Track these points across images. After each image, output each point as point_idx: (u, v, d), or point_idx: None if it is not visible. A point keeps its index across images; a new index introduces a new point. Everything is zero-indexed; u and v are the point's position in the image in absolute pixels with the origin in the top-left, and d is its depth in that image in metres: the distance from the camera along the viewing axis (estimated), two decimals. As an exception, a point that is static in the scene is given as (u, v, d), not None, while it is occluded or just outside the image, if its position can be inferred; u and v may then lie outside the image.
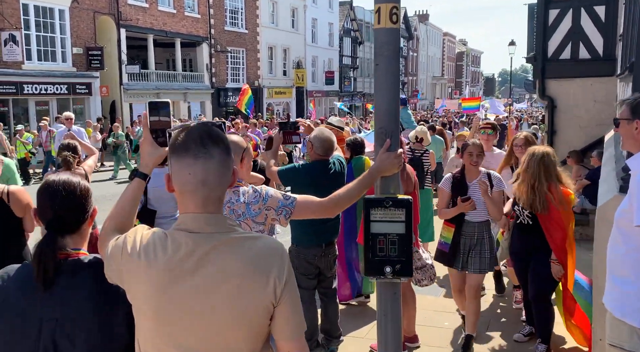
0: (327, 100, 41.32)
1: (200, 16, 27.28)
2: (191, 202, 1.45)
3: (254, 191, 2.58)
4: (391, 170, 2.41)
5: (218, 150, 1.44)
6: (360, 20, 45.49)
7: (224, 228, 1.45)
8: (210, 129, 1.48)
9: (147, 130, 1.71)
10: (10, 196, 3.69)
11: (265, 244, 1.48)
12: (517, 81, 78.51)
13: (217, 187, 1.45)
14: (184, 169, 1.42)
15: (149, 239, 1.45)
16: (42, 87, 19.30)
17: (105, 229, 1.67)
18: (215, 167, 1.42)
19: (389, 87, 2.45)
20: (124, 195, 1.75)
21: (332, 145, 4.05)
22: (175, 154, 1.45)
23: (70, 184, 1.68)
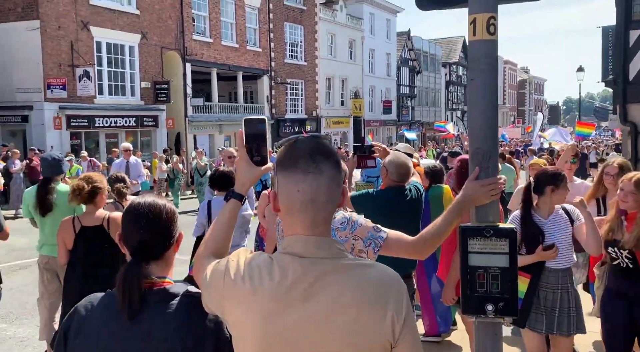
0: (385, 130, 41.12)
1: (261, 50, 27.99)
2: (299, 222, 1.30)
3: (342, 216, 2.41)
4: (482, 200, 2.15)
5: (328, 165, 1.30)
6: (417, 50, 45.39)
7: (335, 253, 1.30)
8: (320, 142, 1.34)
9: (242, 149, 1.59)
10: (111, 222, 3.75)
11: (382, 272, 1.30)
12: (584, 109, 75.51)
13: (326, 206, 1.30)
14: (292, 185, 1.29)
15: (253, 263, 1.31)
16: (112, 120, 20.19)
17: (201, 254, 1.55)
18: (325, 183, 1.29)
19: (487, 103, 2.22)
20: (219, 218, 1.61)
21: (408, 171, 3.83)
22: (282, 170, 1.32)
23: (156, 207, 1.57)
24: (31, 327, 5.77)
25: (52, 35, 18.15)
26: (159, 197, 1.63)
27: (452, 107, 53.23)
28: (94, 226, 3.77)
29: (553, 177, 3.65)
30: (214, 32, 24.98)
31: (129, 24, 20.79)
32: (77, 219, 3.82)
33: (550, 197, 3.63)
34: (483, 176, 2.21)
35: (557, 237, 3.54)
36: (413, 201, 3.82)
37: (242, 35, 26.69)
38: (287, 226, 1.34)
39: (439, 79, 50.39)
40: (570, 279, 3.58)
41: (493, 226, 2.15)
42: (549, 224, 3.60)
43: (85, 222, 3.80)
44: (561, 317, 3.50)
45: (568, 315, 3.50)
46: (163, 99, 21.89)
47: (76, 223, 3.79)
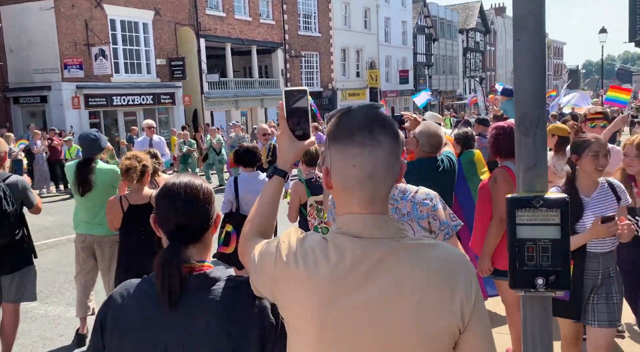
0: (402, 100, 40.59)
1: (274, 22, 27.60)
2: (355, 200, 1.20)
3: (425, 193, 2.40)
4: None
5: (387, 136, 1.18)
6: (434, 17, 44.40)
7: (395, 232, 1.19)
8: (376, 111, 1.22)
9: (284, 122, 1.47)
10: None
11: (447, 252, 1.20)
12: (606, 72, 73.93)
13: (385, 182, 1.19)
14: (347, 160, 1.17)
15: (306, 244, 1.22)
16: (129, 98, 20.21)
17: (245, 233, 1.46)
18: (384, 156, 1.17)
19: (534, 65, 2.07)
20: (263, 195, 1.52)
21: (440, 141, 3.70)
22: (336, 143, 1.20)
23: (192, 188, 1.47)
24: (61, 305, 5.84)
25: (66, 15, 18.07)
26: (194, 176, 1.54)
27: (470, 74, 52.28)
28: (142, 204, 3.76)
29: (575, 145, 3.19)
30: (226, 6, 24.65)
31: (142, 0, 20.59)
32: (124, 198, 3.81)
33: (583, 169, 3.13)
34: (531, 142, 2.08)
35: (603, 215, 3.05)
36: (446, 172, 3.70)
37: (255, 8, 26.31)
38: (341, 203, 1.24)
39: (456, 46, 49.38)
40: (613, 262, 3.13)
41: (542, 196, 2.03)
42: (593, 202, 3.09)
43: (133, 201, 3.80)
44: (599, 305, 3.07)
45: (607, 303, 3.07)
46: (179, 76, 21.81)
47: (124, 202, 3.79)
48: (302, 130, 1.50)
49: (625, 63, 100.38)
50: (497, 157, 3.76)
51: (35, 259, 4.19)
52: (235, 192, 4.67)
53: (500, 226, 3.50)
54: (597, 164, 3.05)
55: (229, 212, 4.76)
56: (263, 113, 26.96)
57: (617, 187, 3.18)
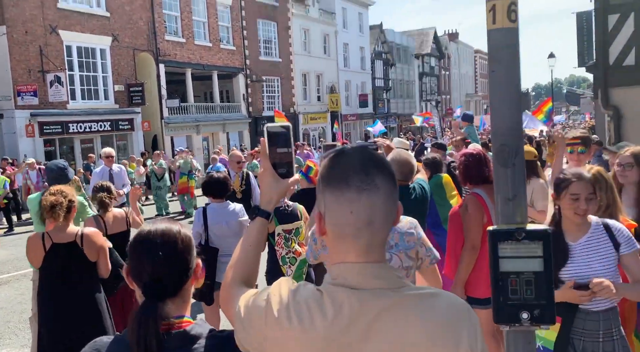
0: (362, 123, 41.06)
1: (235, 48, 27.61)
2: (352, 248, 1.13)
3: (409, 222, 2.38)
4: None
5: (384, 179, 1.12)
6: (391, 42, 45.43)
7: (395, 282, 1.13)
8: (372, 152, 1.16)
9: (266, 160, 1.40)
10: (85, 239, 3.48)
11: (450, 302, 1.14)
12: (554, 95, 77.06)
13: (383, 229, 1.13)
14: (344, 206, 1.11)
15: (299, 297, 1.13)
16: (86, 125, 19.67)
17: (228, 281, 1.36)
18: (382, 201, 1.11)
19: (511, 97, 2.08)
20: (245, 239, 1.43)
21: (412, 169, 3.70)
22: (330, 187, 1.13)
23: (170, 235, 1.36)
24: (15, 347, 5.50)
25: (20, 41, 17.56)
26: (171, 222, 1.43)
27: (426, 97, 53.50)
28: (66, 242, 3.50)
29: (555, 182, 2.78)
30: (186, 31, 24.52)
31: (99, 26, 20.26)
32: (47, 235, 3.53)
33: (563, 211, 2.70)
34: (510, 172, 2.07)
35: (594, 268, 2.57)
36: (418, 200, 3.69)
37: (215, 34, 26.28)
38: (335, 251, 1.16)
39: (412, 70, 50.56)
40: (616, 322, 2.61)
41: (524, 228, 2.01)
42: (580, 247, 2.63)
43: (57, 239, 3.52)
44: None
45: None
46: (138, 102, 21.42)
47: (46, 240, 3.51)
48: (286, 168, 1.43)
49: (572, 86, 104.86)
50: (467, 183, 3.78)
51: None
52: (205, 224, 4.52)
53: (472, 254, 3.49)
54: (577, 209, 2.59)
55: (197, 245, 4.60)
56: (225, 138, 26.73)
57: (616, 230, 2.63)
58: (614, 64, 8.54)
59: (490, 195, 3.52)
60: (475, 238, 3.46)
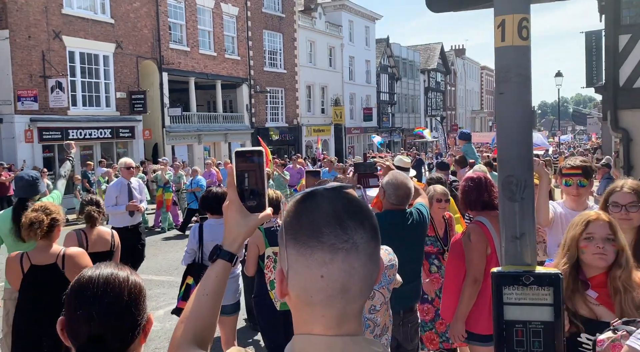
0: (366, 137, 40.91)
1: (240, 58, 27.55)
2: (320, 318, 0.89)
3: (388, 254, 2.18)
4: None
5: (364, 234, 0.89)
6: (397, 57, 45.40)
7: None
8: (350, 197, 0.92)
9: (233, 190, 1.17)
10: (67, 260, 3.19)
11: None
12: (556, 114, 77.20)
13: (361, 296, 0.90)
14: (313, 268, 0.88)
15: None
16: (86, 131, 19.53)
17: (177, 339, 1.12)
18: (361, 263, 0.88)
19: (520, 121, 1.85)
20: (202, 285, 1.19)
21: (408, 193, 3.45)
22: (297, 243, 0.89)
23: (114, 285, 1.13)
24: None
25: (22, 46, 17.48)
26: (119, 267, 1.19)
27: (432, 113, 53.36)
28: (46, 264, 3.23)
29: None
30: (191, 40, 24.47)
31: (103, 33, 20.20)
32: (25, 256, 3.25)
33: None
34: (517, 207, 1.83)
35: None
36: (415, 227, 3.44)
37: (220, 43, 26.22)
38: (299, 319, 0.93)
39: (417, 85, 50.48)
40: None
41: (533, 271, 1.77)
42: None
43: (36, 261, 3.24)
44: None
45: None
46: (139, 109, 21.29)
47: (24, 261, 3.23)
48: (256, 201, 1.20)
49: (578, 105, 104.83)
50: (468, 210, 3.54)
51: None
52: (200, 241, 4.29)
53: (474, 287, 3.24)
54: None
55: (192, 263, 4.36)
56: (227, 148, 26.56)
57: None
58: (624, 86, 8.33)
59: (494, 224, 3.28)
60: (478, 270, 3.21)
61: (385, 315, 2.21)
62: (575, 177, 3.37)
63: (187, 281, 4.27)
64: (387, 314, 2.20)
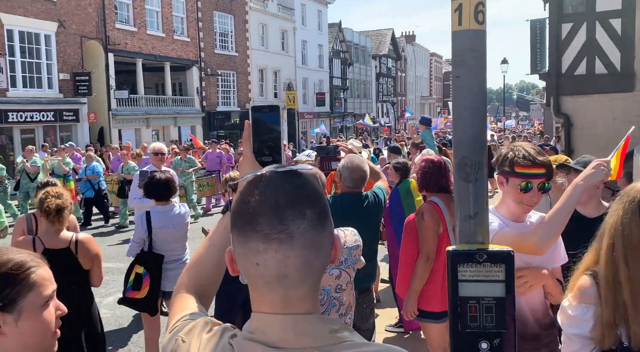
0: (318, 122, 40.97)
1: (189, 39, 26.89)
2: (266, 300, 0.90)
3: (353, 234, 2.22)
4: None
5: (304, 224, 0.87)
6: (349, 42, 45.50)
7: (324, 338, 0.88)
8: (297, 184, 0.90)
9: (247, 146, 1.16)
10: (79, 245, 3.24)
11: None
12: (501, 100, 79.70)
13: (302, 283, 0.89)
14: (249, 255, 0.88)
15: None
16: (27, 114, 18.65)
17: (178, 285, 1.14)
18: (297, 254, 0.86)
19: (476, 105, 1.90)
20: (209, 236, 1.20)
21: (363, 176, 3.49)
22: (236, 228, 0.89)
23: None
24: None
25: (-45, 22, 16.44)
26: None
27: (383, 98, 53.96)
28: (59, 249, 3.22)
29: None
30: (138, 20, 23.66)
31: (44, 11, 19.23)
32: (38, 240, 3.23)
33: None
34: (472, 188, 1.89)
35: None
36: (370, 209, 3.49)
37: (168, 24, 25.49)
38: (252, 297, 0.93)
39: (369, 70, 50.85)
40: None
41: (486, 249, 1.84)
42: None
43: (49, 245, 3.22)
44: None
45: None
46: (84, 92, 20.49)
47: (38, 244, 3.20)
48: (272, 156, 1.19)
49: (521, 92, 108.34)
50: (424, 191, 3.62)
51: None
52: (149, 229, 4.17)
53: (427, 265, 3.34)
54: None
55: (140, 252, 4.22)
56: (176, 132, 25.99)
57: None
58: (566, 73, 8.67)
59: (447, 204, 3.37)
60: (430, 249, 3.30)
61: (350, 294, 2.25)
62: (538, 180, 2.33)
63: (137, 270, 4.11)
64: (352, 293, 2.23)
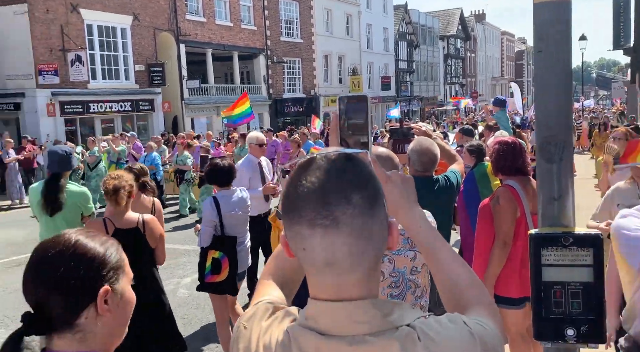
0: (384, 106, 40.50)
1: (256, 28, 27.29)
2: (319, 285, 0.89)
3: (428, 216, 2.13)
4: None
5: (350, 210, 0.84)
6: (415, 23, 44.50)
7: (379, 324, 0.86)
8: (345, 169, 0.87)
9: (334, 137, 1.14)
10: (146, 225, 3.48)
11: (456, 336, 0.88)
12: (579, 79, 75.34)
13: (352, 270, 0.86)
14: (296, 240, 0.87)
15: (268, 343, 0.91)
16: (107, 105, 19.68)
17: (264, 272, 1.16)
18: (343, 241, 0.84)
19: (559, 82, 1.81)
20: None
21: (433, 159, 3.40)
22: (284, 212, 0.89)
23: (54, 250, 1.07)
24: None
25: (41, 19, 17.52)
26: (81, 232, 1.13)
27: (451, 80, 52.53)
28: (129, 228, 3.44)
29: None
30: (207, 11, 24.27)
31: (120, 4, 20.12)
32: (109, 221, 3.45)
33: None
34: (556, 168, 1.80)
35: None
36: (440, 192, 3.41)
37: (236, 13, 25.97)
38: (308, 282, 0.93)
39: (437, 52, 49.58)
40: None
41: (572, 233, 1.75)
42: None
43: (120, 225, 3.45)
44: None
45: None
46: (158, 82, 21.34)
47: (109, 225, 3.42)
48: (356, 149, 1.19)
49: (601, 70, 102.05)
50: (500, 174, 3.50)
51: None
52: (219, 213, 4.29)
53: (504, 251, 3.23)
54: None
55: (214, 237, 4.32)
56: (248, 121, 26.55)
57: None
58: (653, 47, 8.07)
59: (524, 187, 3.24)
60: (507, 233, 3.20)
61: (426, 277, 2.20)
62: None
63: (212, 255, 4.20)
64: (427, 276, 2.19)
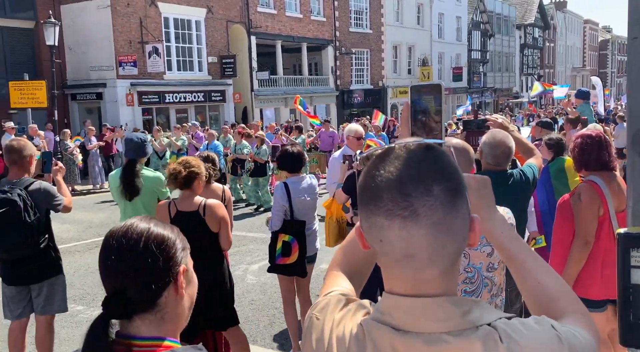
0: (455, 98, 39.50)
1: (325, 19, 27.33)
2: (395, 279, 0.86)
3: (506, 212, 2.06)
4: None
5: (429, 201, 0.81)
6: (490, 12, 42.97)
7: (455, 323, 0.82)
8: (424, 159, 0.84)
9: (405, 127, 1.10)
10: (207, 209, 3.58)
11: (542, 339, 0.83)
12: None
13: (432, 264, 0.83)
14: (373, 231, 0.84)
15: (341, 336, 0.89)
16: (181, 95, 20.42)
17: (333, 261, 1.15)
18: (423, 233, 0.81)
19: (657, 69, 1.67)
20: None
21: (506, 152, 3.24)
22: (361, 202, 0.86)
23: (131, 236, 1.10)
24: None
25: (122, 13, 18.39)
26: (145, 219, 1.17)
27: (527, 71, 50.40)
28: (190, 211, 3.59)
29: None
30: (277, 3, 24.57)
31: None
32: (173, 204, 3.64)
33: None
34: (649, 164, 1.67)
35: None
36: (515, 187, 3.25)
37: (306, 4, 26.12)
38: (383, 276, 0.90)
39: (512, 42, 47.69)
40: None
41: (666, 233, 1.62)
42: None
43: (182, 208, 3.62)
44: None
45: None
46: (230, 73, 21.88)
47: (172, 207, 3.62)
48: (433, 139, 1.16)
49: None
50: (582, 170, 3.30)
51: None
52: (289, 198, 4.38)
53: (584, 250, 3.06)
54: None
55: (284, 221, 4.42)
56: (312, 111, 26.75)
57: None
58: None
59: (609, 184, 3.04)
60: (588, 232, 3.02)
61: (502, 274, 2.12)
62: None
63: (282, 238, 4.31)
64: (503, 273, 2.10)
